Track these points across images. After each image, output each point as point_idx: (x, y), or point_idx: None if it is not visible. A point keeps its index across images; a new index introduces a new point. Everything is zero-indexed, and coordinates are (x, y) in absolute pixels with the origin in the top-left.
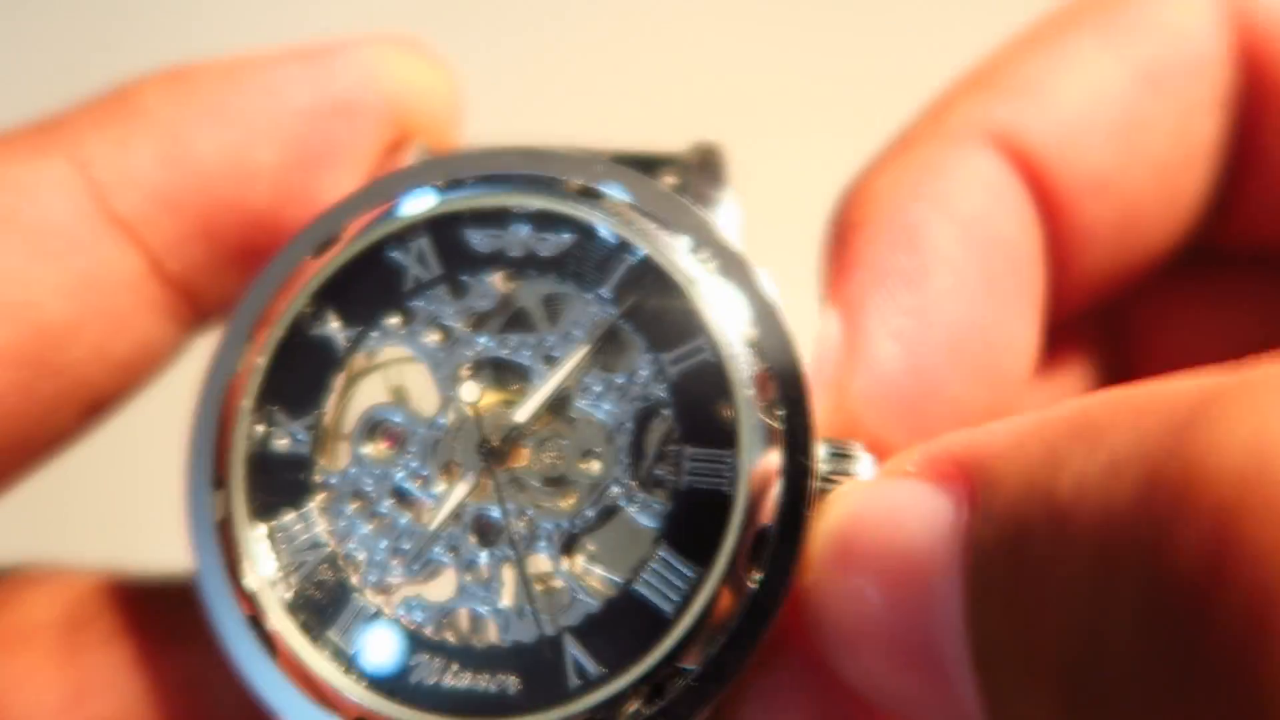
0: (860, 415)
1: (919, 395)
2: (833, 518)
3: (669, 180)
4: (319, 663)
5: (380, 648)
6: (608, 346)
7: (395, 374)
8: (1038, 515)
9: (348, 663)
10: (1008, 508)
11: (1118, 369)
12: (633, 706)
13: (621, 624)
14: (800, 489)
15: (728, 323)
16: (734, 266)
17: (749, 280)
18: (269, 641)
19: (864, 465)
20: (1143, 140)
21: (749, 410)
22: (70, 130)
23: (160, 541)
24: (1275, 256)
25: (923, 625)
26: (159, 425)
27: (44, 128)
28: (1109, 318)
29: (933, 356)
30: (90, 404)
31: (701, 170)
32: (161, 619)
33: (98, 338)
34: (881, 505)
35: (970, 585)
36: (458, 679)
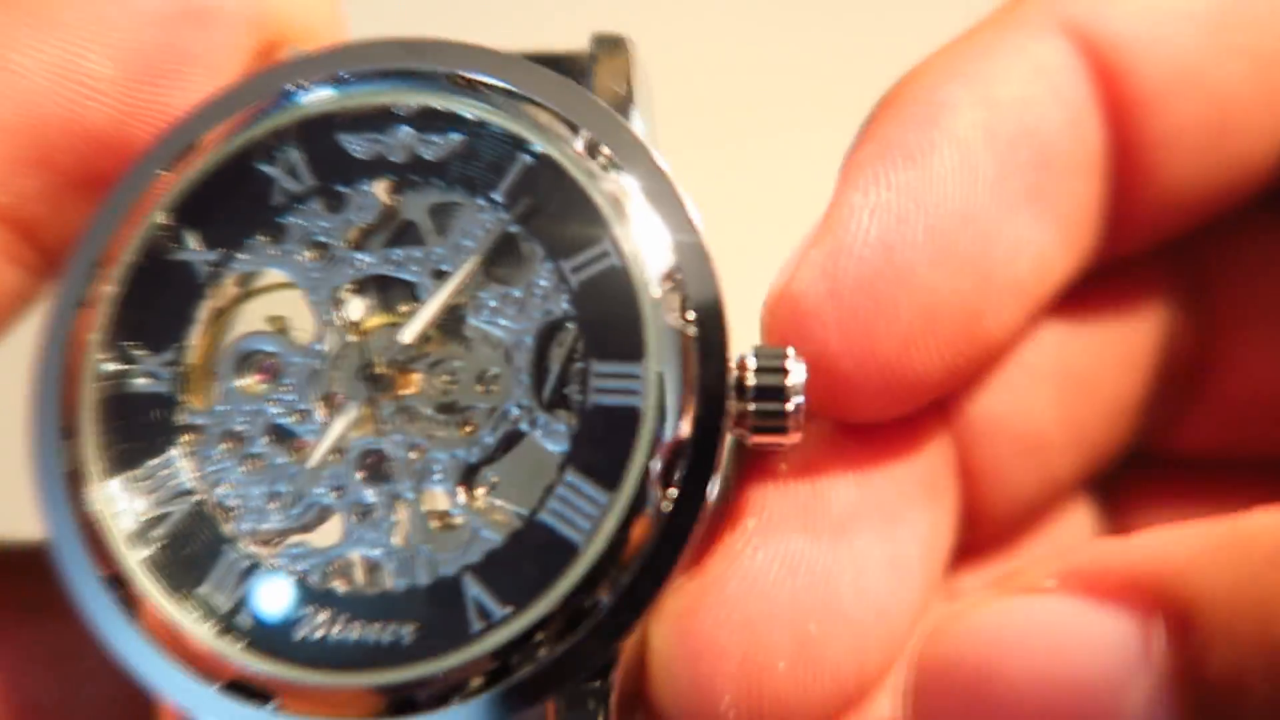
0: (809, 294)
1: (885, 278)
2: (940, 641)
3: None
4: (189, 624)
5: (259, 603)
6: (503, 257)
7: (271, 302)
8: (1271, 660)
9: (223, 622)
10: (1235, 648)
11: (1191, 324)
12: (541, 645)
13: (527, 558)
14: (716, 400)
15: (633, 225)
16: (639, 163)
17: (656, 179)
18: (131, 604)
19: (795, 374)
20: (1242, 28)
21: (656, 316)
22: None
23: (8, 504)
24: None
25: None
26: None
27: None
28: (1187, 261)
29: (911, 237)
30: None
31: (604, 66)
32: (13, 591)
33: None
34: (1026, 629)
35: None
36: (348, 630)
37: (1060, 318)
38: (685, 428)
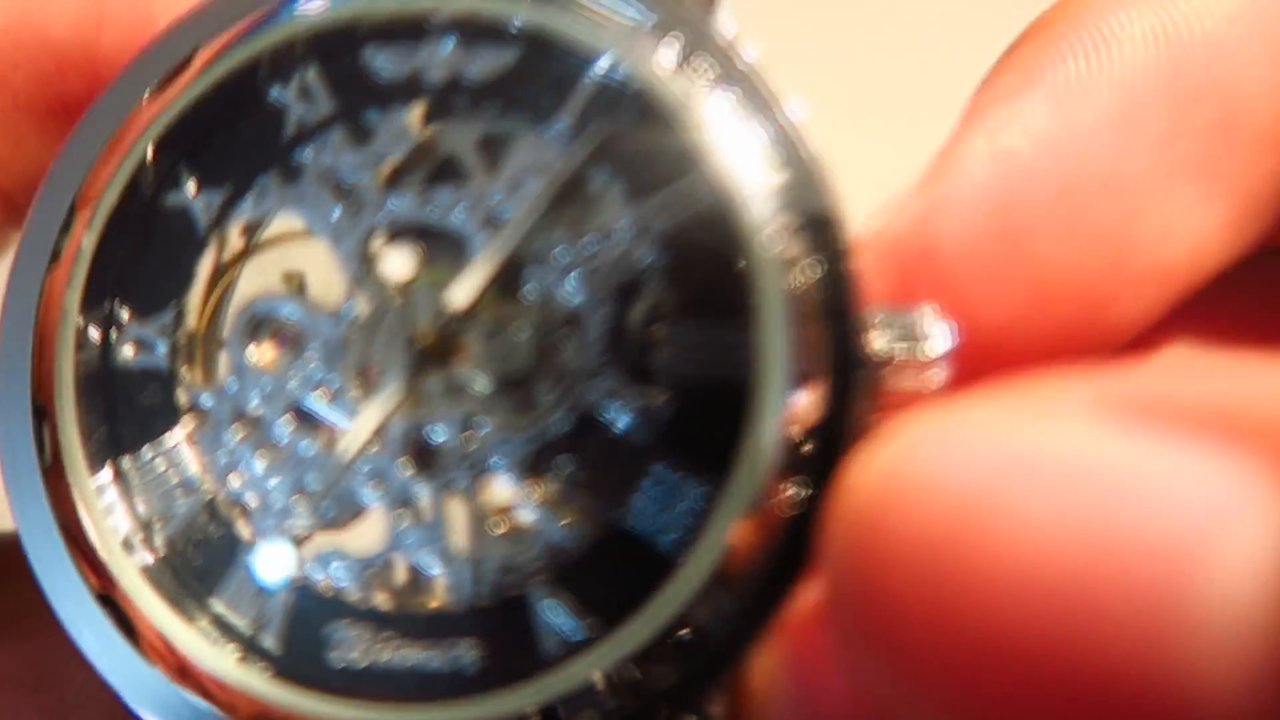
0: (896, 249)
1: (994, 242)
2: (899, 461)
3: None
4: (200, 648)
5: (286, 621)
6: (571, 199)
7: (284, 255)
8: None
9: (243, 645)
10: None
11: None
12: (633, 677)
13: (610, 568)
14: (847, 372)
15: (736, 157)
16: (740, 79)
17: (762, 98)
18: (128, 625)
19: (938, 340)
20: None
21: (767, 268)
22: None
23: None
24: None
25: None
26: None
27: None
28: None
29: (1037, 198)
30: None
31: None
32: None
33: None
34: (1049, 455)
35: None
36: (395, 654)
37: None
38: (808, 406)
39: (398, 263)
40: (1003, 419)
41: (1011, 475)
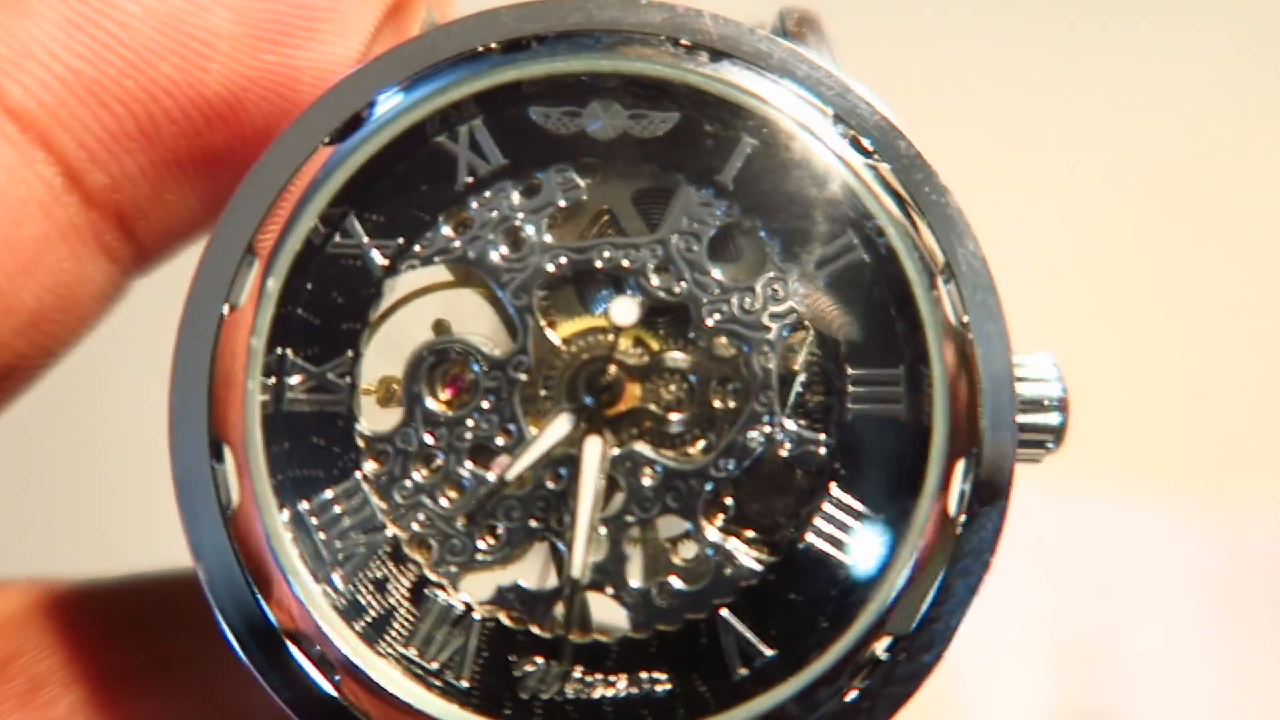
0: None
1: None
2: None
3: None
4: (396, 681)
5: (472, 655)
6: (733, 250)
7: (437, 300)
8: None
9: (435, 679)
10: None
11: None
12: (825, 694)
13: (793, 593)
14: (1000, 411)
15: (888, 211)
16: (886, 139)
17: (906, 157)
18: (320, 660)
19: (1060, 385)
20: None
21: (924, 313)
22: None
23: (115, 537)
24: None
25: None
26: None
27: None
28: None
29: None
30: None
31: (798, 41)
32: (151, 644)
33: None
34: None
35: None
36: (587, 686)
37: None
38: (967, 442)
39: (564, 308)
40: None
41: None
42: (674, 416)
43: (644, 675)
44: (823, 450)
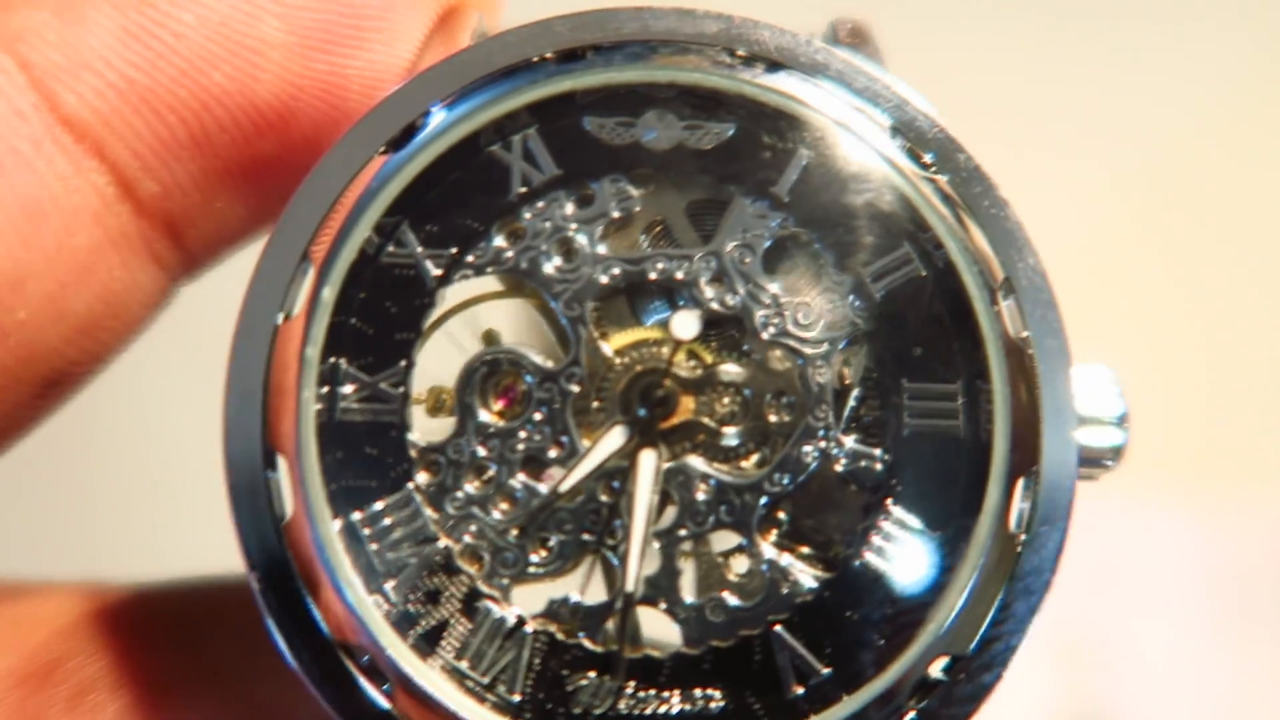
0: None
1: None
2: None
3: None
4: (449, 694)
5: (524, 669)
6: (788, 262)
7: (488, 311)
8: None
9: (489, 694)
10: None
11: None
12: (882, 715)
13: (850, 610)
14: (1062, 427)
15: (946, 223)
16: (944, 151)
17: (965, 169)
18: (374, 673)
19: (1121, 402)
20: None
21: (981, 328)
22: None
23: (163, 543)
24: None
25: None
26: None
27: None
28: None
29: None
30: (48, 377)
31: (851, 51)
32: (195, 654)
33: (50, 288)
34: None
35: None
36: (640, 703)
37: None
38: (1028, 459)
39: (618, 320)
40: None
41: None
42: (728, 430)
43: (698, 692)
44: (879, 466)
